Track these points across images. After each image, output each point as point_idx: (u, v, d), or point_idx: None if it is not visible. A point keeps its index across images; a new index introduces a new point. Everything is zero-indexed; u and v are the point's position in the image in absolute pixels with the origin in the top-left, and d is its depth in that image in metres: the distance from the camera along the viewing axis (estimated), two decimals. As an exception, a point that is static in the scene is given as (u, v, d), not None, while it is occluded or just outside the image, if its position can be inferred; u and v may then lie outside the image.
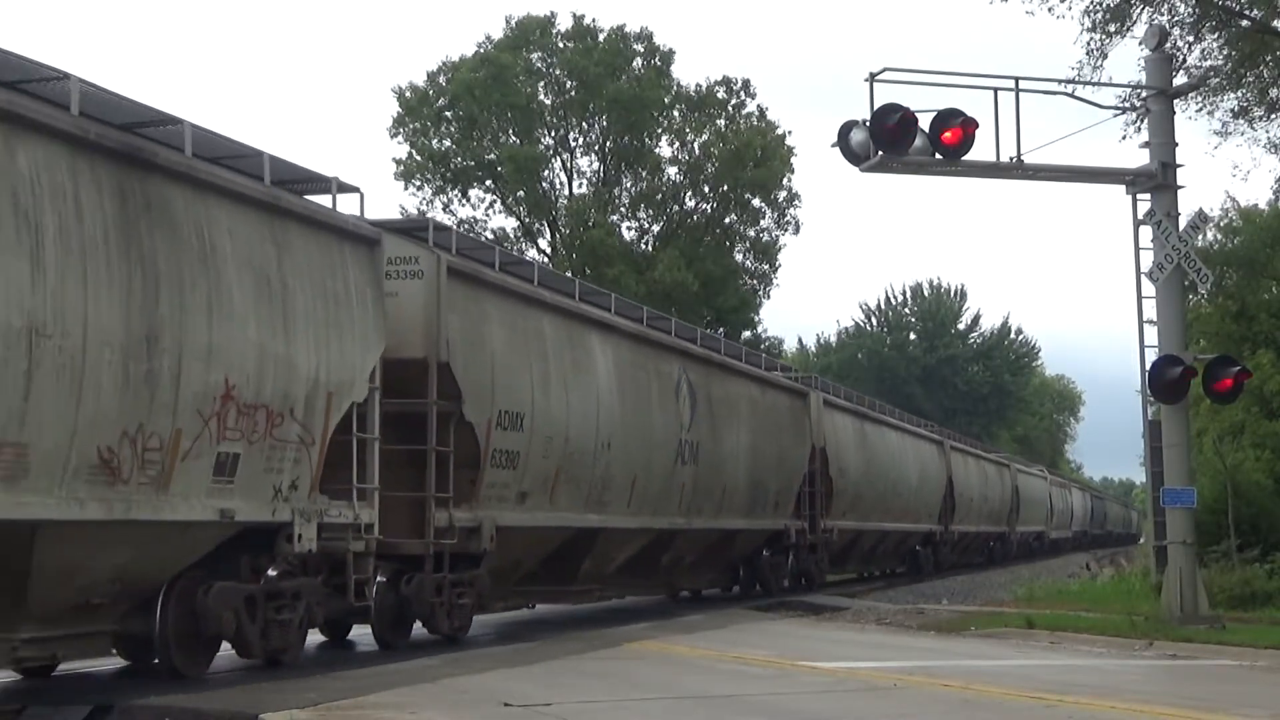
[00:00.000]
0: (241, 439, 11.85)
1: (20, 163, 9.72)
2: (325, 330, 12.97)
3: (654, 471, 20.62)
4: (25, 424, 9.61)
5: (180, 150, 11.56)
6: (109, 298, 10.33)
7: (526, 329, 17.17)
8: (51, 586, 10.58)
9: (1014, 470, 53.10)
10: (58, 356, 9.82)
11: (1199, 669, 14.82)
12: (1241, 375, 19.21)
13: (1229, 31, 26.56)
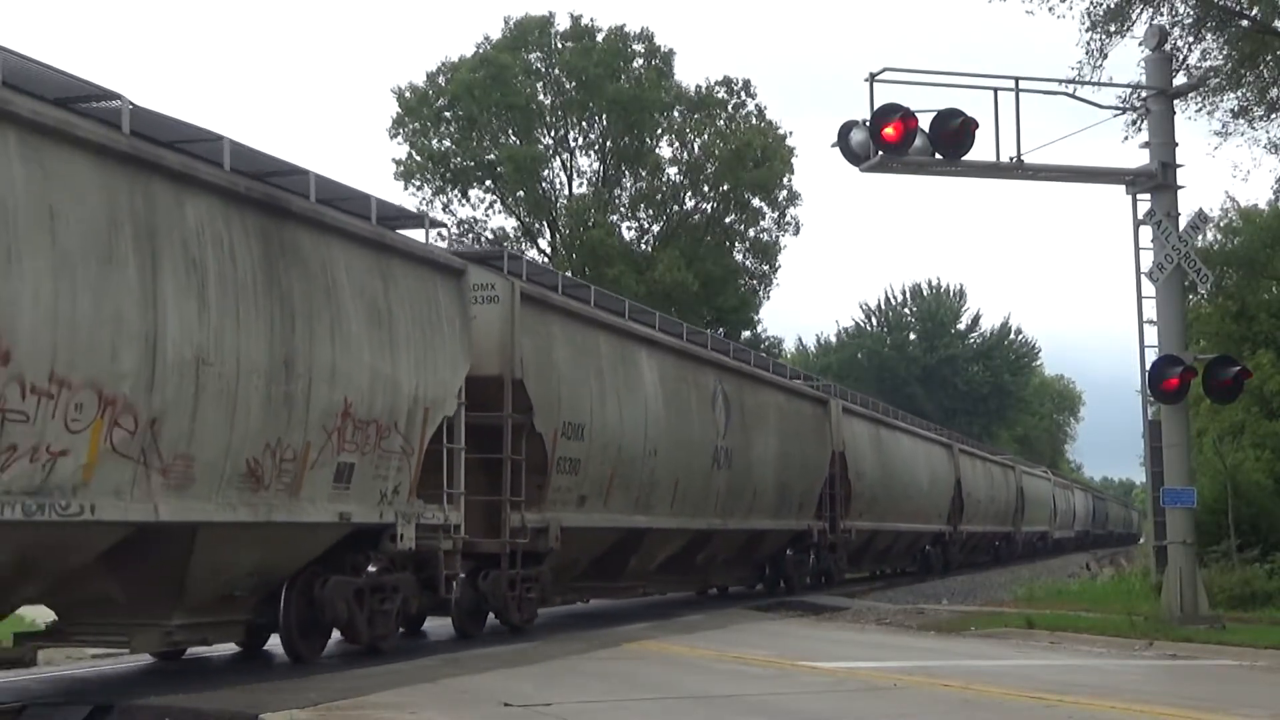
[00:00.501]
0: (356, 450, 13.51)
1: (189, 216, 11.41)
2: (423, 352, 14.63)
3: (693, 476, 22.16)
4: (192, 440, 11.31)
5: (306, 196, 13.13)
6: (256, 330, 12.01)
7: (586, 347, 18.94)
8: (203, 580, 12.22)
9: (1019, 472, 54.16)
10: (217, 382, 11.53)
11: (1199, 669, 14.82)
12: (1241, 375, 19.21)
13: (1229, 31, 26.57)
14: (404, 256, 14.62)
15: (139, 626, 12.10)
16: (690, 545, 22.94)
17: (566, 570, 19.31)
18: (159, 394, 10.93)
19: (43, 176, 10.01)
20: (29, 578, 10.90)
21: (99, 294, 10.35)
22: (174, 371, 11.06)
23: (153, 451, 10.97)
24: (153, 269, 10.93)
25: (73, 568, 11.23)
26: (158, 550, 11.63)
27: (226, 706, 10.37)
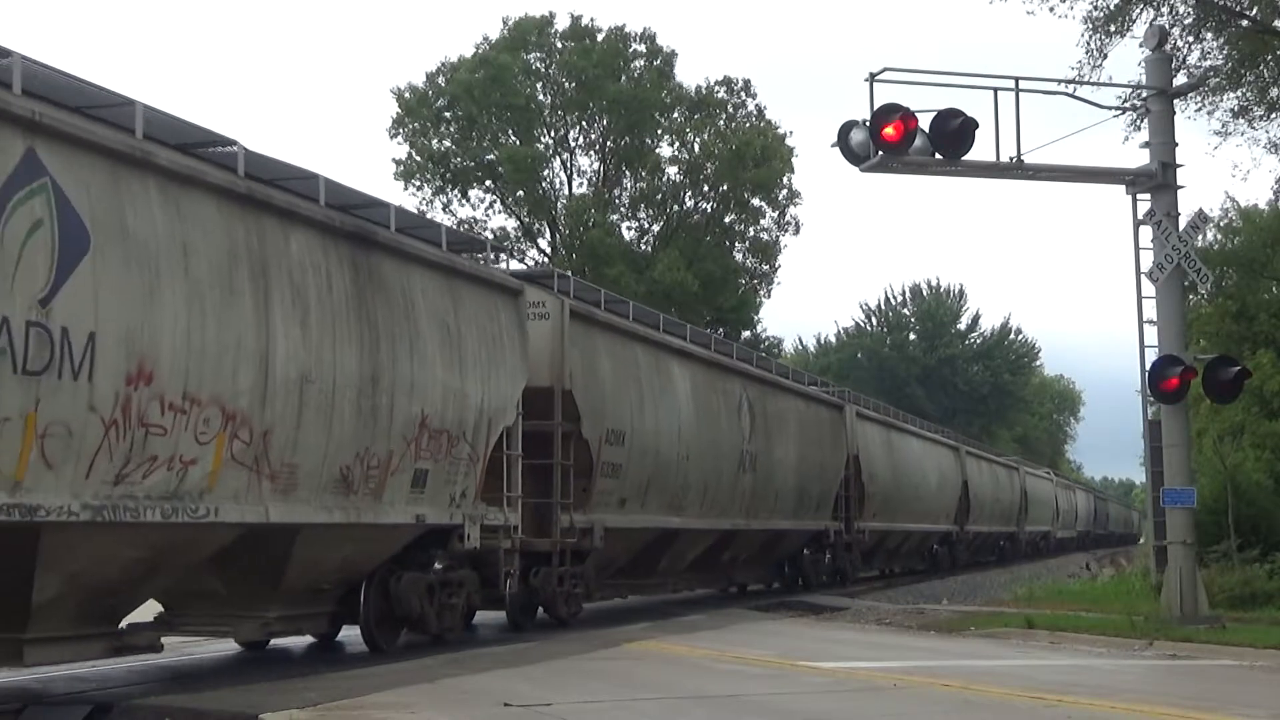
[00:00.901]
0: (430, 458, 14.82)
1: (293, 249, 12.71)
2: (486, 367, 16.00)
3: (721, 479, 23.51)
4: (296, 449, 12.60)
5: (386, 226, 14.52)
6: (348, 349, 13.33)
7: (626, 358, 20.39)
8: (300, 575, 13.59)
9: (1023, 473, 55.32)
10: (317, 397, 12.83)
11: (1199, 669, 14.81)
12: (1241, 375, 19.20)
13: (1229, 31, 26.57)
14: (470, 279, 16.01)
15: (241, 617, 13.52)
16: (716, 545, 24.26)
17: (605, 568, 20.48)
18: (270, 409, 12.22)
19: (178, 218, 11.28)
20: (158, 573, 12.17)
21: (222, 321, 11.63)
22: (282, 388, 12.38)
23: (264, 460, 12.26)
24: (265, 297, 12.21)
25: (192, 564, 12.51)
26: (262, 548, 12.93)
27: (226, 706, 10.38)
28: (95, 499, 10.42)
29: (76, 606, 11.28)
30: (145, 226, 10.84)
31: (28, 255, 9.72)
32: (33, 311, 9.68)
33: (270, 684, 11.96)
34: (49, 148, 10.05)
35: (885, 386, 77.59)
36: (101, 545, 10.94)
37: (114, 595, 11.82)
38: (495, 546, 16.43)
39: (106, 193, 10.56)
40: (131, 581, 11.84)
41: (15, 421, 9.56)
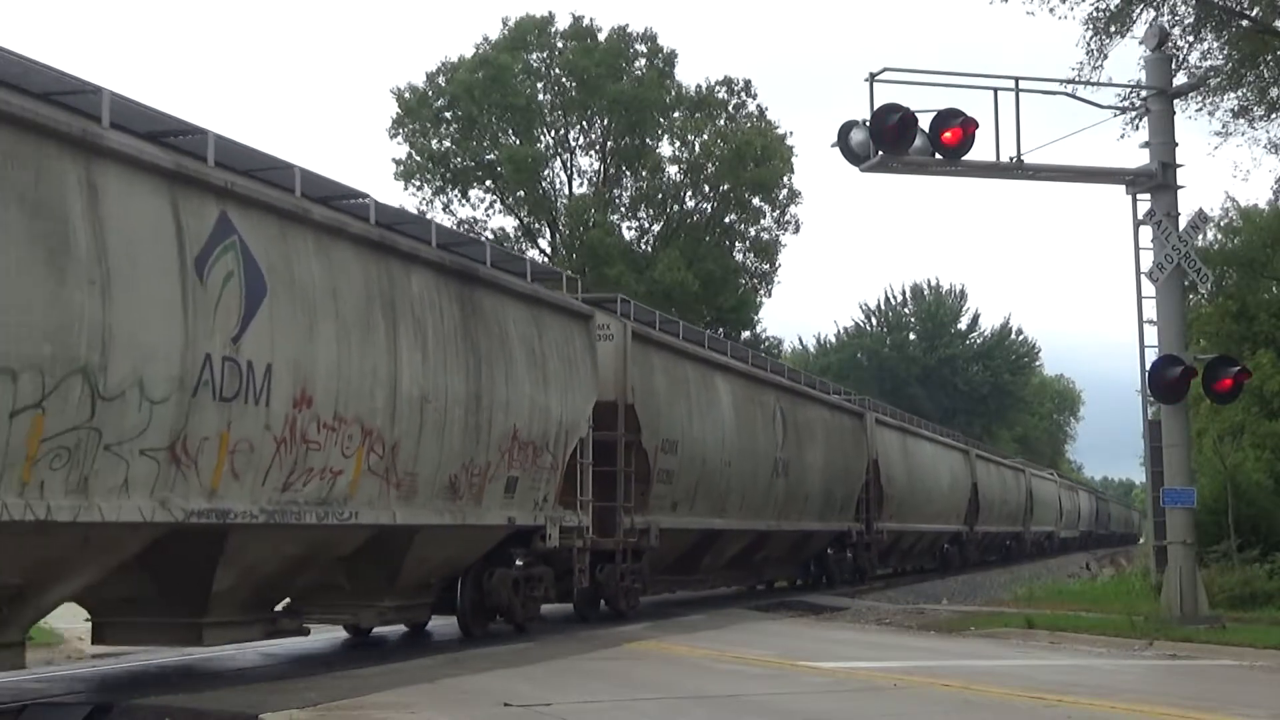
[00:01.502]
0: (519, 466, 16.65)
1: (414, 286, 14.58)
2: (565, 384, 17.85)
3: (758, 484, 25.37)
4: (417, 460, 14.44)
5: (483, 262, 16.43)
6: (456, 373, 15.17)
7: (677, 374, 22.27)
8: (413, 571, 15.43)
9: (1028, 475, 56.89)
10: (434, 415, 14.67)
11: (1199, 669, 14.81)
12: (1241, 375, 19.19)
13: (1229, 31, 26.58)
14: (550, 307, 17.93)
15: (362, 607, 15.46)
16: (752, 544, 26.23)
17: (656, 566, 22.06)
18: (398, 426, 14.08)
19: (329, 265, 13.12)
20: (307, 569, 13.95)
21: (362, 352, 13.47)
22: (407, 408, 14.23)
23: (392, 470, 14.11)
24: (393, 330, 14.06)
25: (331, 560, 14.26)
26: (385, 547, 14.64)
27: (226, 706, 10.38)
28: (269, 504, 12.26)
29: (244, 596, 13.15)
30: (306, 273, 12.72)
31: (224, 302, 11.56)
32: (227, 348, 11.57)
33: (270, 684, 11.97)
34: (236, 210, 11.82)
35: (885, 387, 77.57)
36: (269, 543, 12.79)
37: (272, 587, 13.79)
38: (570, 545, 18.24)
39: (277, 246, 12.39)
40: (287, 575, 13.76)
41: (213, 440, 11.45)
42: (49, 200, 9.89)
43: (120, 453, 10.45)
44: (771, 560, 29.01)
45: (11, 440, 9.44)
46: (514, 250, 44.23)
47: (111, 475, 10.39)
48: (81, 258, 10.03)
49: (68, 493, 10.03)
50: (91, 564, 11.14)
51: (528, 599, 17.89)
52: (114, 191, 10.47)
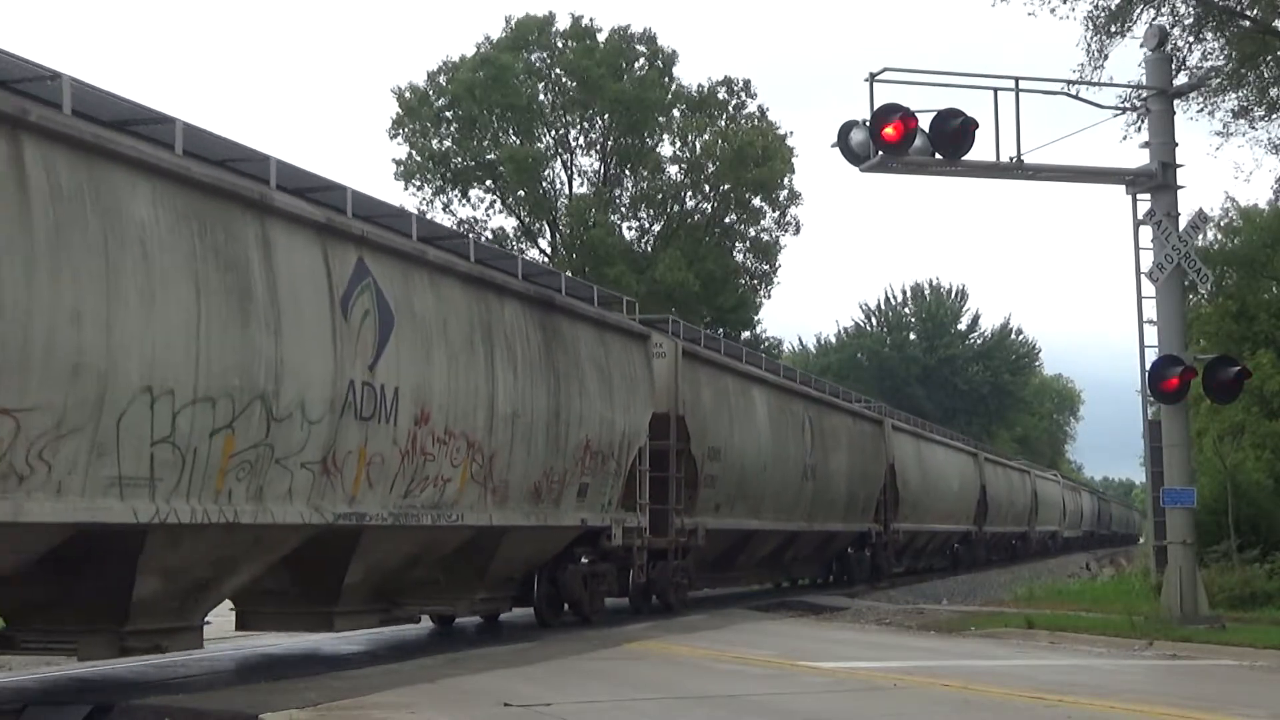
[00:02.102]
0: (590, 473, 18.53)
1: (506, 316, 16.50)
2: (627, 399, 19.69)
3: (789, 488, 27.20)
4: (509, 469, 16.30)
5: (559, 291, 18.49)
6: (541, 391, 17.08)
7: (720, 387, 24.07)
8: (500, 567, 17.33)
9: (1033, 476, 58.67)
10: (523, 429, 16.57)
11: (1199, 669, 14.81)
12: (1241, 375, 19.19)
13: (1230, 32, 26.57)
14: (615, 329, 19.89)
15: (456, 599, 17.24)
16: (782, 544, 28.23)
17: (697, 564, 23.73)
18: (494, 438, 15.94)
19: (439, 299, 14.98)
20: (416, 566, 15.80)
21: (467, 374, 15.32)
22: (501, 423, 16.07)
23: (489, 478, 15.95)
24: (490, 354, 15.92)
25: (438, 557, 16.06)
26: (479, 545, 16.47)
27: (226, 706, 10.38)
28: (394, 508, 14.12)
29: (368, 589, 15.10)
30: (423, 307, 14.59)
31: (362, 335, 13.43)
32: (365, 375, 13.44)
33: (270, 684, 11.97)
34: (369, 254, 13.72)
35: (885, 386, 77.56)
36: (392, 542, 14.64)
37: (389, 581, 15.57)
38: (630, 545, 20.17)
39: (400, 284, 14.24)
40: (402, 570, 15.61)
41: (354, 453, 13.30)
42: (236, 256, 11.76)
43: (286, 465, 12.38)
44: (799, 559, 30.87)
45: (210, 456, 11.37)
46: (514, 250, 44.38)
47: (279, 484, 12.31)
48: (260, 303, 11.95)
49: (248, 499, 11.95)
50: (258, 560, 13.02)
51: (594, 593, 19.84)
52: (281, 245, 12.38)
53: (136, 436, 10.56)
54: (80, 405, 10.01)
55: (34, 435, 9.66)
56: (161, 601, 11.89)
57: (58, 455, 9.90)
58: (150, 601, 11.69)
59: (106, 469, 10.35)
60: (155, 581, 11.64)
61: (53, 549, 10.54)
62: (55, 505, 9.99)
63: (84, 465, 10.15)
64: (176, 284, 11.01)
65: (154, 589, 11.69)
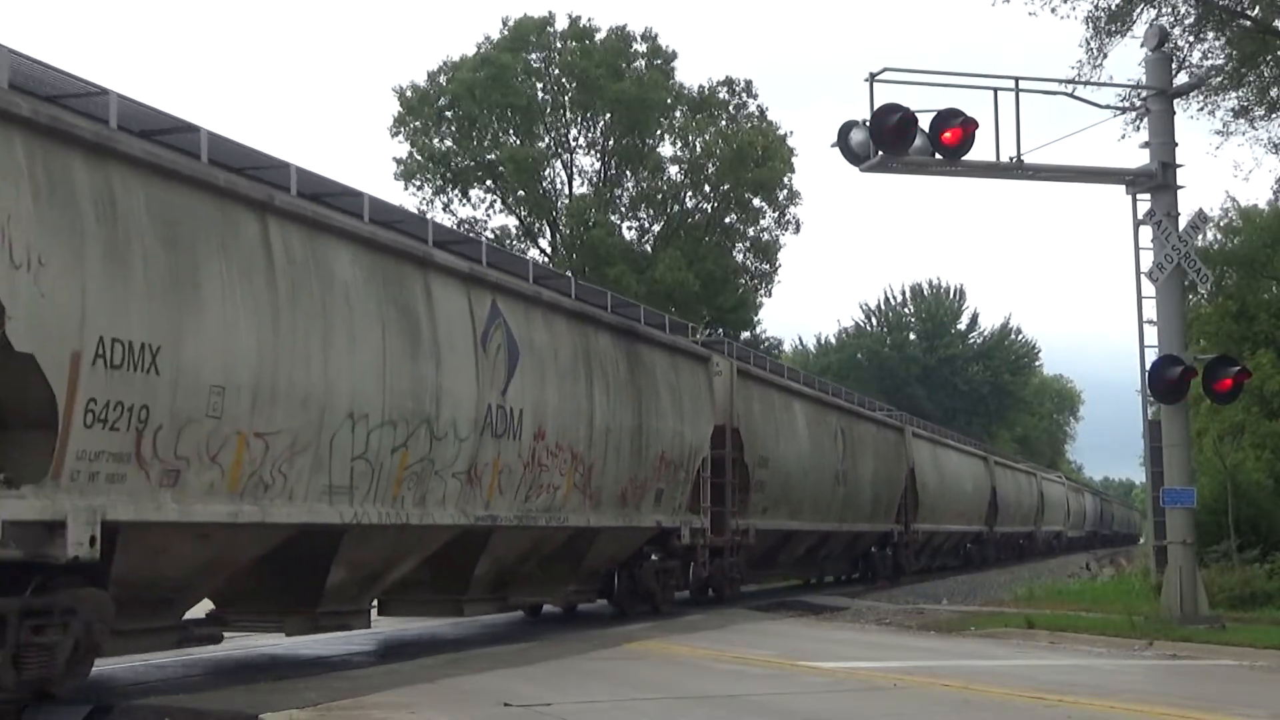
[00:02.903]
0: (664, 480, 20.99)
1: (600, 345, 19.06)
2: (693, 414, 22.16)
3: (824, 491, 29.66)
4: (603, 477, 18.84)
5: (639, 321, 21.12)
6: (627, 409, 19.62)
7: (767, 401, 26.57)
8: (591, 563, 19.87)
9: (1039, 478, 61.18)
10: (614, 442, 19.06)
11: (1199, 669, 14.82)
12: (1241, 375, 19.18)
13: (1230, 31, 26.57)
14: (683, 353, 22.51)
15: (553, 590, 19.73)
16: (816, 543, 30.44)
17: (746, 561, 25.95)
18: (592, 451, 18.39)
19: (551, 333, 17.52)
20: (526, 561, 18.15)
21: (572, 396, 17.83)
22: (598, 437, 18.54)
23: (587, 485, 18.40)
24: (589, 379, 18.44)
25: (543, 554, 18.41)
26: (575, 544, 18.90)
27: (226, 706, 10.38)
28: (518, 512, 16.59)
29: (489, 581, 17.49)
30: (539, 340, 17.14)
31: (496, 365, 15.96)
32: (498, 399, 15.94)
33: (270, 684, 11.97)
34: (501, 297, 16.29)
35: (885, 386, 77.53)
36: (513, 541, 17.13)
37: (505, 574, 17.88)
38: (694, 543, 22.58)
39: (523, 322, 16.80)
40: (516, 565, 17.99)
41: (490, 464, 15.69)
42: (407, 302, 14.29)
43: (442, 476, 14.81)
44: (830, 557, 33.24)
45: (391, 468, 13.78)
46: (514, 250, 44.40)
47: (437, 491, 14.76)
48: (425, 341, 14.52)
49: (414, 504, 14.38)
50: (415, 555, 15.47)
51: (665, 586, 22.32)
52: (439, 292, 14.98)
53: (342, 453, 13.07)
54: (306, 429, 12.50)
55: (277, 453, 12.11)
56: (346, 589, 14.46)
57: (291, 469, 12.36)
58: (338, 589, 14.21)
59: (322, 479, 12.85)
60: (343, 572, 14.12)
61: (277, 545, 12.81)
62: (289, 509, 12.42)
63: (307, 477, 12.62)
64: (369, 329, 13.54)
65: (342, 578, 14.16)
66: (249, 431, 11.78)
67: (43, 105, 10.27)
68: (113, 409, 10.36)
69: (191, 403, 11.12)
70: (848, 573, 36.05)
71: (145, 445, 10.72)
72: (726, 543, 23.93)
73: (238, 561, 12.73)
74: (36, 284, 9.75)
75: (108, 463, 10.43)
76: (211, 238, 11.56)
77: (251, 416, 11.79)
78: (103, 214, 10.44)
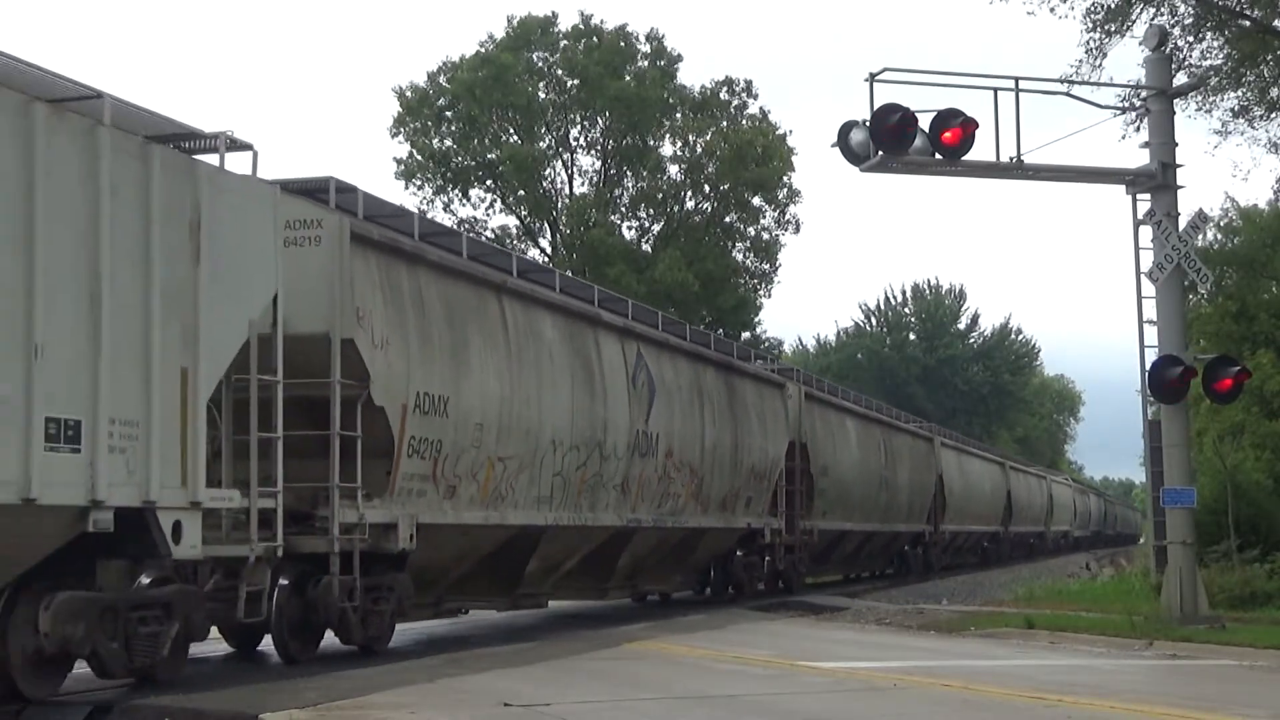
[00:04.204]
0: (752, 489, 25.46)
1: (708, 378, 23.58)
2: (773, 433, 26.61)
3: (870, 496, 33.95)
4: (711, 487, 23.23)
5: (732, 355, 25.88)
6: (727, 431, 23.91)
7: (827, 419, 31.20)
8: (698, 558, 24.61)
9: (1049, 481, 65.38)
10: (719, 458, 23.45)
11: (1199, 669, 14.81)
12: (1241, 375, 19.17)
13: (1229, 31, 26.55)
14: (766, 381, 27.21)
15: (666, 581, 24.70)
16: (862, 542, 34.76)
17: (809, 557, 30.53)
18: (704, 466, 22.92)
19: (676, 371, 22.25)
20: (652, 556, 22.26)
21: (690, 422, 22.35)
22: (708, 454, 23.03)
23: (699, 494, 22.83)
24: (700, 407, 22.98)
25: (662, 552, 22.68)
26: (687, 543, 23.21)
27: (226, 706, 10.37)
28: (654, 516, 21.10)
29: (626, 572, 21.66)
30: (669, 377, 21.82)
31: (641, 399, 20.42)
32: (643, 425, 20.44)
33: (270, 684, 11.95)
34: (644, 345, 21.01)
35: (885, 386, 77.52)
36: (649, 539, 21.40)
37: (638, 567, 22.10)
38: (773, 542, 26.70)
39: (658, 363, 21.41)
40: (644, 559, 22.01)
41: (635, 478, 20.21)
42: (585, 353, 18.97)
43: (607, 487, 19.31)
44: (871, 555, 37.50)
45: (575, 482, 18.37)
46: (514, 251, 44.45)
47: (603, 500, 19.33)
48: (596, 382, 19.04)
49: (588, 510, 18.87)
50: (581, 551, 19.48)
51: (751, 578, 26.66)
52: (604, 344, 19.68)
53: (547, 471, 17.56)
54: (527, 453, 17.04)
55: (510, 472, 16.69)
56: (536, 577, 18.57)
57: (516, 484, 16.85)
58: (531, 576, 18.29)
59: (534, 491, 17.33)
60: (537, 563, 18.16)
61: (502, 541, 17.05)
62: (515, 514, 16.97)
63: (525, 490, 17.12)
64: (563, 375, 18.11)
65: (535, 568, 18.21)
66: (495, 456, 16.34)
67: (377, 227, 14.89)
68: (420, 443, 14.87)
69: (465, 437, 15.66)
70: (884, 568, 39.95)
71: (438, 469, 15.24)
72: (796, 541, 28.03)
73: (477, 554, 16.98)
74: (385, 359, 14.26)
75: (417, 482, 14.91)
76: (471, 315, 16.20)
77: (496, 445, 16.33)
78: (416, 307, 15.04)
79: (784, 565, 27.91)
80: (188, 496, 11.31)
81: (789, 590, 28.09)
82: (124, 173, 10.75)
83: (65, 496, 10.15)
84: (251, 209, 12.27)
